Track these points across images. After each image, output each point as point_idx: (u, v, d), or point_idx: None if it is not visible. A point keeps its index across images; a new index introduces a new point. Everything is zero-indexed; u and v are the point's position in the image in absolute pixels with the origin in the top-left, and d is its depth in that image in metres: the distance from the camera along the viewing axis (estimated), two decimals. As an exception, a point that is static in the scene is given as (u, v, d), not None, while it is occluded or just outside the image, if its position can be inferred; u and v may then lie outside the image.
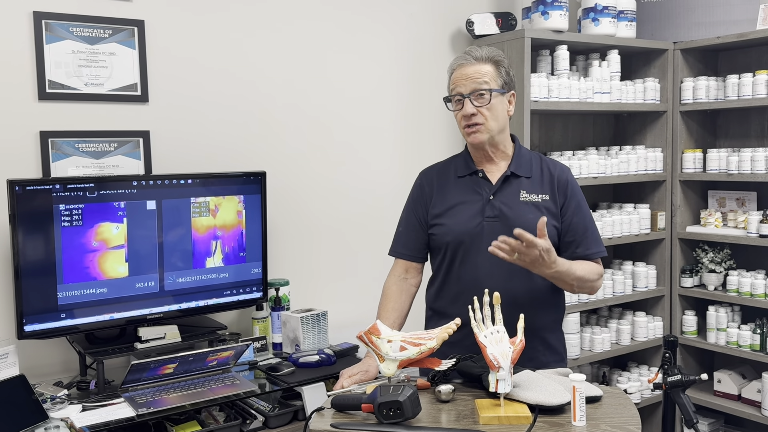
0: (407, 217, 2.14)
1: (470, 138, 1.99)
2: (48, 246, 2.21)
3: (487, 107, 1.94)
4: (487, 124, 1.96)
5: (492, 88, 1.94)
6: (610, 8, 3.25)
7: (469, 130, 1.98)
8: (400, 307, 2.11)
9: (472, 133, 1.98)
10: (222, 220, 2.54)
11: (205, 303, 2.53)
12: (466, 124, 1.97)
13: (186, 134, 2.67)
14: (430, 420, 1.61)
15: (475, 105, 1.94)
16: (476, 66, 1.95)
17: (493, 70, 1.96)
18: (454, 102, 1.99)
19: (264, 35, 2.82)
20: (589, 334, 3.35)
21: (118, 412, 2.05)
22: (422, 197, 2.10)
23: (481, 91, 1.94)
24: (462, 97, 1.95)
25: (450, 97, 2.01)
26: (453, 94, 1.98)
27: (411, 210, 2.13)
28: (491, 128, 1.97)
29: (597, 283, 2.02)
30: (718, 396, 3.42)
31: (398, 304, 2.11)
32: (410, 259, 2.14)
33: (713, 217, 3.45)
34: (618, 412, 1.64)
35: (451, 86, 2.00)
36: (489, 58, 1.97)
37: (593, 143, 3.73)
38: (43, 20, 2.37)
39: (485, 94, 1.94)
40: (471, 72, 1.95)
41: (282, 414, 2.31)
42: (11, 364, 2.21)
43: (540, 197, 2.00)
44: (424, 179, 2.14)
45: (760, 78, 3.17)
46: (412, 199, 2.15)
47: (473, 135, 1.98)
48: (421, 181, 2.14)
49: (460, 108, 1.97)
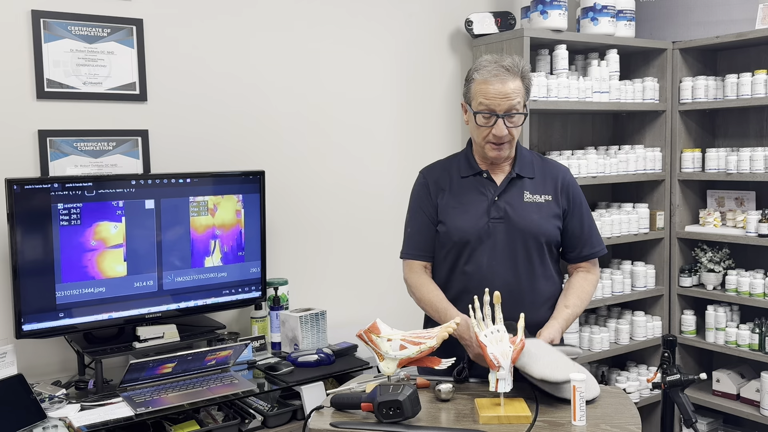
0: (417, 217, 2.08)
1: (493, 154, 1.96)
2: (46, 245, 2.20)
3: (516, 128, 1.93)
4: (512, 142, 1.95)
5: (523, 111, 1.93)
6: (609, 8, 3.25)
7: (494, 147, 1.94)
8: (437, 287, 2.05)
9: (496, 150, 1.95)
10: (221, 219, 2.54)
11: (204, 302, 2.52)
12: (492, 142, 1.94)
13: (184, 133, 2.66)
14: (429, 419, 1.61)
15: (506, 125, 1.91)
16: (508, 83, 1.89)
17: (521, 85, 1.92)
18: (482, 117, 1.92)
19: (263, 35, 2.82)
20: (588, 334, 3.35)
21: (116, 411, 2.05)
22: (429, 195, 2.06)
23: (514, 112, 1.90)
24: (495, 116, 1.91)
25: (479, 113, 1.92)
26: (484, 110, 1.91)
27: (419, 209, 2.08)
28: (514, 145, 1.98)
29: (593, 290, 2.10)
30: (716, 395, 3.42)
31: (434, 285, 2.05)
32: (426, 259, 2.08)
33: (712, 217, 3.45)
34: (618, 412, 1.64)
35: (480, 99, 1.91)
36: (519, 72, 1.92)
37: (592, 143, 3.73)
38: (42, 19, 2.36)
39: (517, 116, 1.91)
40: (505, 91, 1.88)
41: (281, 413, 2.31)
42: (9, 364, 2.20)
43: (543, 198, 2.01)
44: (428, 177, 2.10)
45: (759, 77, 3.18)
46: (418, 198, 2.09)
47: (497, 153, 1.95)
48: (426, 180, 2.09)
49: (491, 125, 1.91)
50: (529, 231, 1.97)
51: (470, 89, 1.96)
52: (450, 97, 3.30)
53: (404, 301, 2.22)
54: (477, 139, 1.98)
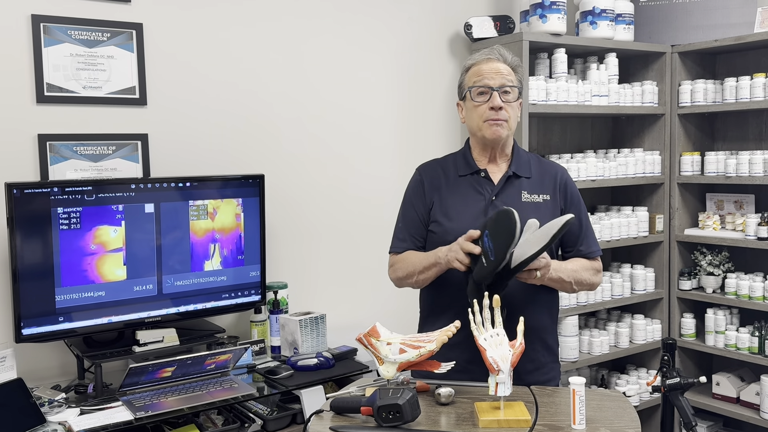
0: (408, 213, 2.08)
1: (491, 131, 1.95)
2: (46, 249, 2.20)
3: (511, 105, 1.95)
4: (509, 121, 1.97)
5: (518, 87, 1.97)
6: (608, 11, 3.25)
7: (491, 123, 1.95)
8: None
9: (494, 126, 1.95)
10: (220, 223, 2.54)
11: (204, 306, 2.53)
12: (490, 118, 1.94)
13: (184, 137, 2.66)
14: (429, 423, 1.61)
15: (501, 100, 1.94)
16: (501, 64, 1.96)
17: (514, 75, 1.98)
18: (477, 94, 1.96)
19: (262, 38, 2.82)
20: (588, 337, 3.35)
21: (116, 415, 2.05)
22: (423, 193, 2.05)
23: (510, 87, 1.94)
24: (490, 89, 1.94)
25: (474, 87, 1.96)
26: (480, 85, 1.95)
27: (410, 205, 2.07)
28: (512, 126, 1.99)
29: (596, 279, 2.06)
30: (716, 399, 3.41)
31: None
32: None
33: (711, 220, 3.46)
34: (617, 416, 1.64)
35: (474, 78, 1.97)
36: (511, 62, 1.98)
37: (591, 146, 3.73)
38: (42, 23, 2.36)
39: (512, 92, 1.95)
40: (500, 68, 1.95)
41: (280, 417, 2.31)
42: (9, 368, 2.20)
43: (541, 197, 2.01)
44: (424, 175, 2.08)
45: (758, 81, 3.18)
46: (411, 194, 2.09)
47: (495, 128, 1.95)
48: (422, 177, 2.08)
49: (486, 100, 1.94)
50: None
51: (465, 77, 2.01)
52: (449, 102, 3.31)
53: (404, 305, 2.22)
54: (475, 123, 1.99)
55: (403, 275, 2.02)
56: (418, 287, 2.05)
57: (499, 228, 1.74)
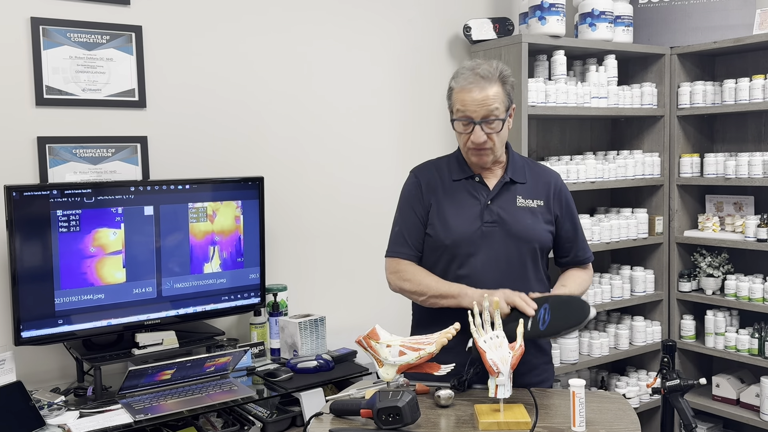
0: (407, 215, 2.06)
1: (476, 159, 1.97)
2: (45, 252, 2.20)
3: (496, 133, 1.93)
4: (494, 148, 1.95)
5: (502, 117, 1.92)
6: (607, 13, 3.26)
7: (474, 152, 1.96)
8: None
9: (477, 156, 1.96)
10: (220, 225, 2.54)
11: (203, 309, 2.52)
12: (473, 148, 1.95)
13: (183, 140, 2.66)
14: (429, 425, 1.61)
15: (485, 131, 1.91)
16: (486, 90, 1.89)
17: (500, 90, 1.92)
18: (461, 124, 1.94)
19: (261, 41, 2.82)
20: (588, 339, 3.35)
21: (115, 418, 2.04)
22: (421, 196, 2.05)
23: (492, 118, 1.91)
24: (472, 123, 1.91)
25: (456, 120, 1.95)
26: (461, 117, 1.93)
27: (409, 208, 2.06)
28: (497, 151, 1.97)
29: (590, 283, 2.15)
30: (716, 400, 3.41)
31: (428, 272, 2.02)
32: (413, 258, 2.05)
33: (711, 222, 3.46)
34: (617, 418, 1.64)
35: (457, 106, 1.93)
36: (496, 77, 1.92)
37: (591, 148, 3.73)
38: (41, 26, 2.36)
39: (496, 122, 1.91)
40: (481, 98, 1.88)
41: (280, 420, 2.31)
42: (8, 371, 2.20)
43: (536, 203, 2.02)
44: (420, 177, 2.08)
45: (757, 83, 3.18)
46: (409, 197, 2.08)
47: (480, 158, 1.96)
48: (418, 179, 2.08)
49: (469, 131, 1.92)
50: (523, 236, 1.97)
51: (450, 97, 1.98)
52: (449, 103, 3.31)
53: (404, 308, 2.21)
54: (462, 146, 2.00)
55: (411, 290, 2.00)
56: (422, 305, 2.03)
57: (567, 310, 1.76)
